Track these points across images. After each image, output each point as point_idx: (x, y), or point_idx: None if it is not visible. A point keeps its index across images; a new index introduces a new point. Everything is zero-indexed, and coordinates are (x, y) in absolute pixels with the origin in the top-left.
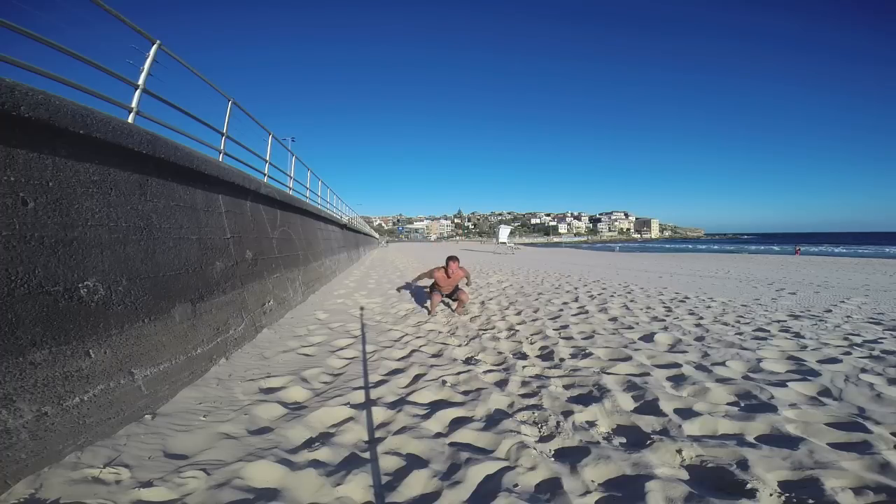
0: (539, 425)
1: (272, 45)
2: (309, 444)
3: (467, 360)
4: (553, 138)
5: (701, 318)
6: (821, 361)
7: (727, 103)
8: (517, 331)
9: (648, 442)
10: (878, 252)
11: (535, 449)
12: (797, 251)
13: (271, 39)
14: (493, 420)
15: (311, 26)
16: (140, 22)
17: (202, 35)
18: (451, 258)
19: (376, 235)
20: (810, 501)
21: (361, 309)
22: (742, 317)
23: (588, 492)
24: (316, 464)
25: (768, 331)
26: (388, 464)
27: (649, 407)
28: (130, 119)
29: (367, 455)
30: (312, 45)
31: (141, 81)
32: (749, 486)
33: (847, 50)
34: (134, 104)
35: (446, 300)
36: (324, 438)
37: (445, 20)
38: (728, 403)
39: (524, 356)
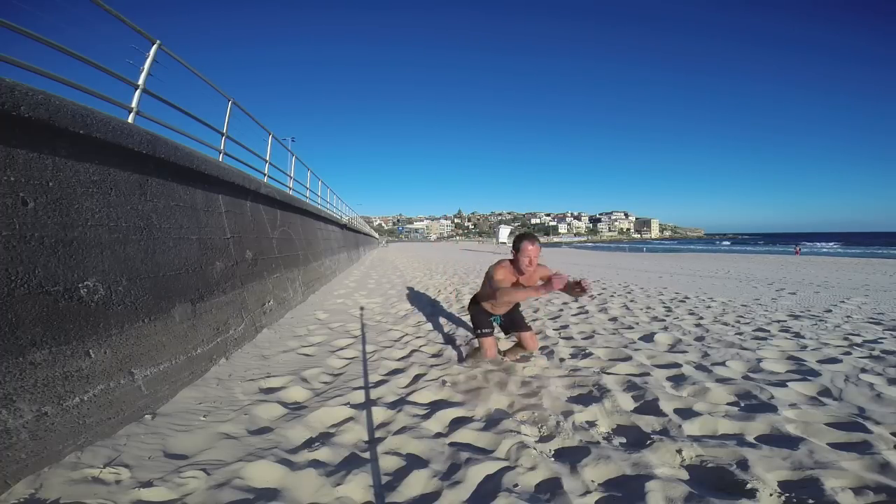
0: (539, 425)
1: (272, 45)
2: (309, 444)
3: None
4: (553, 138)
5: (701, 318)
6: (821, 361)
7: (727, 104)
8: None
9: (648, 442)
10: (877, 252)
11: (535, 449)
12: (797, 251)
13: (271, 39)
14: (493, 420)
15: (311, 26)
16: (140, 22)
17: (202, 35)
18: (525, 237)
19: (376, 235)
20: (810, 501)
21: (361, 309)
22: (742, 317)
23: (588, 492)
24: (316, 464)
25: (768, 331)
26: (388, 464)
27: (649, 407)
28: (130, 119)
29: (367, 455)
30: (312, 45)
31: (141, 81)
32: (749, 486)
33: (847, 50)
34: (134, 104)
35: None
36: (324, 438)
37: (445, 20)
38: (728, 403)
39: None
